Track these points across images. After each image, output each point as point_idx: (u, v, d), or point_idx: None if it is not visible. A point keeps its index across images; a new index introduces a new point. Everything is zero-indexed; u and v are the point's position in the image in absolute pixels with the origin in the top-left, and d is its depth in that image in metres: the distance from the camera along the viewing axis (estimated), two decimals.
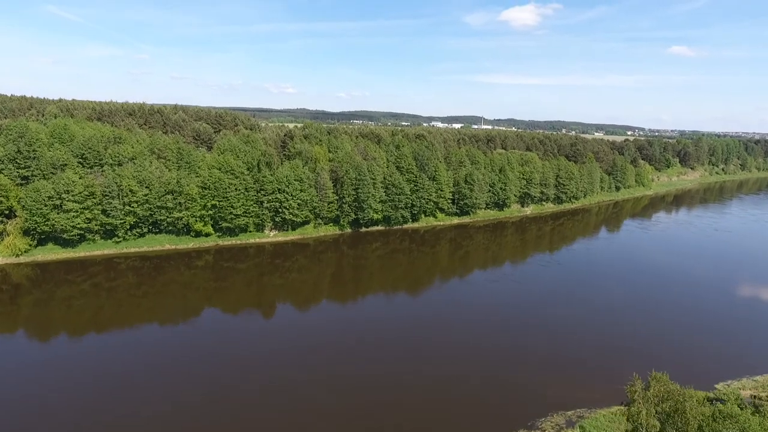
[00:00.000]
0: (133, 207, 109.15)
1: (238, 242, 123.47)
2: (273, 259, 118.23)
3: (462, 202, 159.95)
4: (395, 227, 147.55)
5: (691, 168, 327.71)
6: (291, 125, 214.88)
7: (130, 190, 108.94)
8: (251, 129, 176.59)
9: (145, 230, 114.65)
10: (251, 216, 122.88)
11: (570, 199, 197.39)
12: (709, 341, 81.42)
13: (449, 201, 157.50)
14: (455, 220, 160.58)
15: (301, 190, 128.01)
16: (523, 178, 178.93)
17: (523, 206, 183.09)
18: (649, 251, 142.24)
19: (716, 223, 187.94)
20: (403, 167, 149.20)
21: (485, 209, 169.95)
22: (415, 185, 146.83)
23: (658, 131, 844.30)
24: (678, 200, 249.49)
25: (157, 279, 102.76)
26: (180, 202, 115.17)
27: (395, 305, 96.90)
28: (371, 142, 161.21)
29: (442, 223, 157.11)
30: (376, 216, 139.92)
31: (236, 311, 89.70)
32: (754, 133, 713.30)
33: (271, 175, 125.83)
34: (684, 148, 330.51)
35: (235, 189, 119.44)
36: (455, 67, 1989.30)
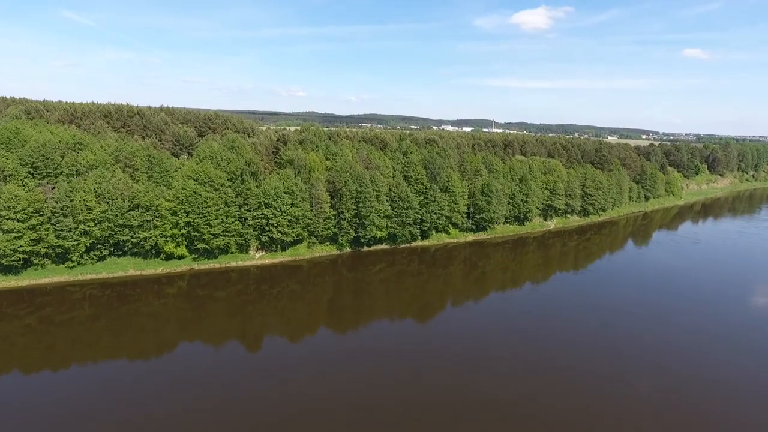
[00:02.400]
0: (88, 226, 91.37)
1: (218, 266, 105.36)
2: (259, 285, 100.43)
3: (478, 216, 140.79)
4: (402, 246, 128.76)
5: (721, 175, 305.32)
6: (292, 128, 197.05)
7: (86, 206, 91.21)
8: (243, 133, 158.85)
9: (105, 253, 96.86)
10: (233, 235, 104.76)
11: (597, 212, 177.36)
12: None
13: (464, 215, 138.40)
14: (470, 237, 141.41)
15: (292, 205, 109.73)
16: (547, 189, 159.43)
17: (545, 220, 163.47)
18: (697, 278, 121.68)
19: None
20: (411, 177, 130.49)
21: (504, 224, 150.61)
22: (425, 198, 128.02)
23: (673, 135, 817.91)
24: (708, 209, 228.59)
25: (120, 310, 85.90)
26: (147, 220, 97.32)
27: (401, 336, 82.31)
28: (375, 148, 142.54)
29: (455, 240, 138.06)
30: (379, 234, 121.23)
31: (215, 345, 75.52)
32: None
33: (257, 187, 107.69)
34: (712, 154, 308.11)
35: (214, 203, 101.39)
36: (465, 70, 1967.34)
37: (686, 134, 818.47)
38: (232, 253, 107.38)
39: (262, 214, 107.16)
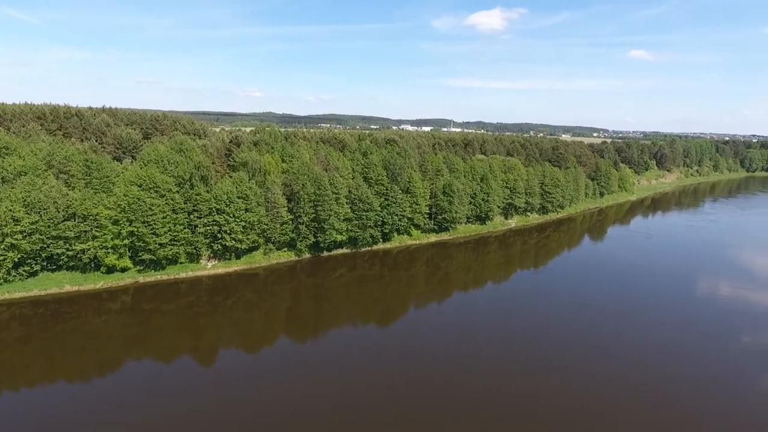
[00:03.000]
0: (16, 239, 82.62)
1: (166, 277, 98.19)
2: (211, 296, 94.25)
3: (440, 217, 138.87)
4: (363, 249, 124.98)
5: (668, 170, 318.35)
6: (248, 129, 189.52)
7: (13, 217, 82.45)
8: (194, 134, 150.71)
9: (37, 268, 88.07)
10: (182, 244, 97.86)
11: (556, 209, 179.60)
12: None
13: (426, 216, 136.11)
14: (433, 238, 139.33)
15: (246, 210, 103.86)
16: (507, 187, 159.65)
17: (506, 218, 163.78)
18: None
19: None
20: (371, 178, 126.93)
21: (466, 223, 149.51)
22: (386, 199, 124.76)
23: (622, 132, 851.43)
24: (657, 204, 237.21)
25: (55, 329, 78.55)
26: (85, 231, 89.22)
27: (363, 341, 79.82)
28: (334, 149, 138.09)
29: (417, 242, 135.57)
30: (340, 237, 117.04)
31: (165, 362, 70.95)
32: (710, 134, 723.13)
33: (208, 192, 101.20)
34: (660, 150, 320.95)
35: (160, 210, 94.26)
36: (427, 71, 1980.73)
37: (634, 132, 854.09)
38: (181, 263, 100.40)
39: (214, 220, 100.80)
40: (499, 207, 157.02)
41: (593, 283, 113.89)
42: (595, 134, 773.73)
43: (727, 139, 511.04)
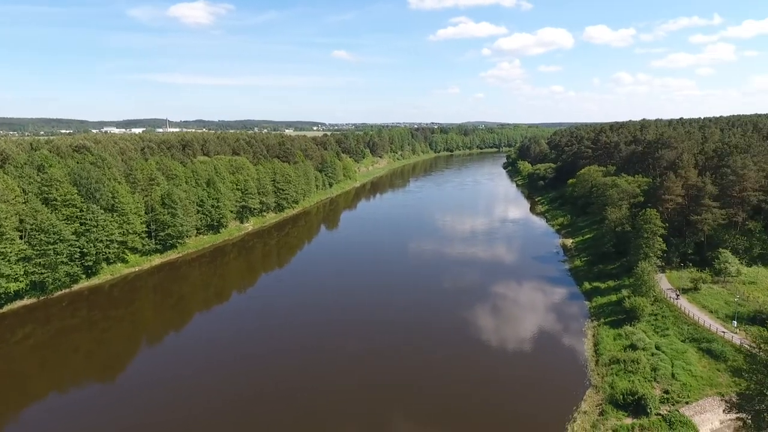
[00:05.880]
0: None
1: None
2: None
3: (163, 234, 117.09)
4: (58, 294, 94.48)
5: (380, 157, 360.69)
6: None
7: None
8: None
9: None
10: None
11: (291, 205, 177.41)
12: None
13: (143, 235, 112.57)
14: (157, 260, 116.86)
15: None
16: (238, 189, 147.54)
17: (242, 222, 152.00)
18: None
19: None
20: (56, 199, 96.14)
21: (197, 236, 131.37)
22: (82, 224, 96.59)
23: (337, 125, 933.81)
24: (376, 187, 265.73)
25: None
26: None
27: (72, 409, 60.61)
28: None
29: (137, 269, 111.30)
30: (14, 286, 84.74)
31: None
32: (405, 123, 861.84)
33: None
34: (371, 139, 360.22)
35: None
36: (128, 65, 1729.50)
37: (347, 124, 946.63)
38: None
39: None
40: (232, 212, 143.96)
41: (334, 268, 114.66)
42: (315, 128, 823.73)
43: (416, 126, 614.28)
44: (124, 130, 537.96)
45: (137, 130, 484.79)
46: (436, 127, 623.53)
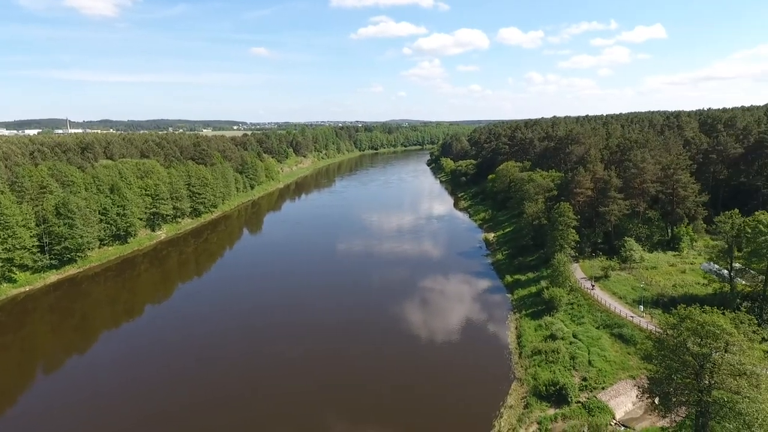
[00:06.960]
0: None
1: None
2: None
3: (59, 247, 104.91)
4: None
5: (304, 156, 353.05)
6: None
7: None
8: None
9: None
10: None
11: (209, 209, 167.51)
12: None
13: (35, 250, 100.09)
14: (53, 277, 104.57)
15: None
16: (147, 194, 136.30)
17: (154, 230, 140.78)
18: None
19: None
20: None
21: (101, 247, 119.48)
22: None
23: (259, 124, 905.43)
24: (301, 188, 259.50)
25: None
26: None
27: None
28: None
29: (28, 288, 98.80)
30: None
31: None
32: (328, 121, 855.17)
33: None
34: (294, 139, 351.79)
35: None
36: (19, 60, 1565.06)
37: (269, 123, 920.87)
38: None
39: None
40: (141, 219, 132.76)
41: (261, 273, 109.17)
42: (235, 127, 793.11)
43: (341, 125, 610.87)
44: (15, 131, 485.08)
45: (32, 132, 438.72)
46: (360, 125, 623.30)
